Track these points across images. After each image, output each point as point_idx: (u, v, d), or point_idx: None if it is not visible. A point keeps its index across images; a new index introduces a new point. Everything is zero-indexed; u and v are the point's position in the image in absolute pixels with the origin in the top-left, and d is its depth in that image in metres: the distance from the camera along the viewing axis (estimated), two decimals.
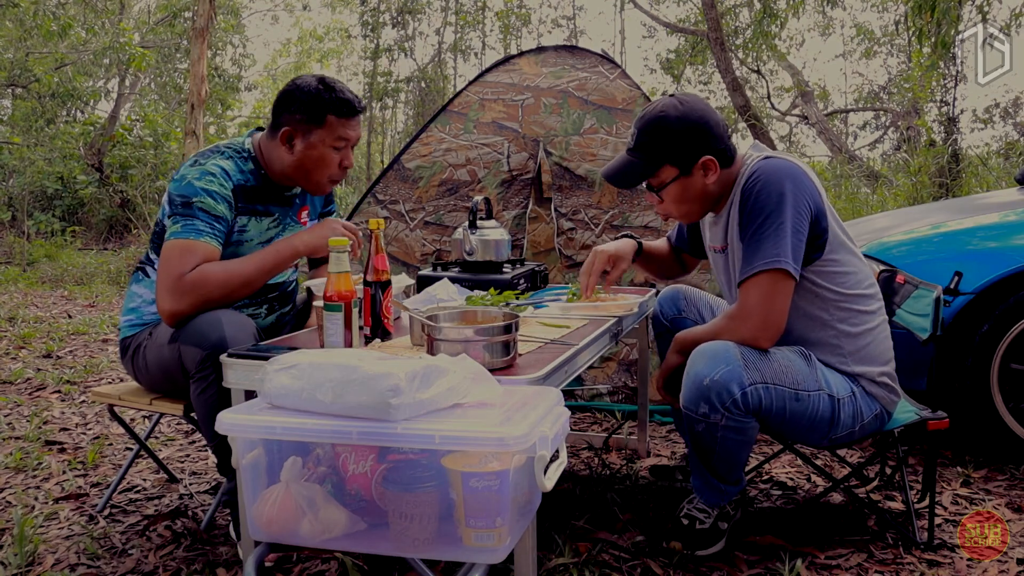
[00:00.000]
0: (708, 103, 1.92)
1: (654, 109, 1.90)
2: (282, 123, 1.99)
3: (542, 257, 3.32)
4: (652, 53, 30.11)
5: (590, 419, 3.16)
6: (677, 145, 1.87)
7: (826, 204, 1.86)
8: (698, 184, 1.90)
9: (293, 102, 1.97)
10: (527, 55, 3.63)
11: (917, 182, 7.60)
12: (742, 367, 1.74)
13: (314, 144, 1.98)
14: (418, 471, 1.21)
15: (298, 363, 1.25)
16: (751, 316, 1.78)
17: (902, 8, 10.59)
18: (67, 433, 3.08)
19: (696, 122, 1.86)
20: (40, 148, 11.62)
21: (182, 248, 1.85)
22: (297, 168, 2.01)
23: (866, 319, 1.90)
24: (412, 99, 16.71)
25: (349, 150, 2.04)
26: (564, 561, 1.88)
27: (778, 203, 1.77)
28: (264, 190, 2.06)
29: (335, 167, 2.03)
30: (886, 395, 1.92)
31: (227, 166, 1.98)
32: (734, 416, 1.76)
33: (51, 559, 1.98)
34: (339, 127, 1.98)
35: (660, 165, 1.90)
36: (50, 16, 11.09)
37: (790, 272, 1.76)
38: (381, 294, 1.78)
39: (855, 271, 1.90)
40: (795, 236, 1.76)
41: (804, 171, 1.85)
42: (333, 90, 1.97)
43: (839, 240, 1.87)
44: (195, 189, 1.90)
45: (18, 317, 5.77)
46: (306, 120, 1.97)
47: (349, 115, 1.99)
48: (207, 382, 1.76)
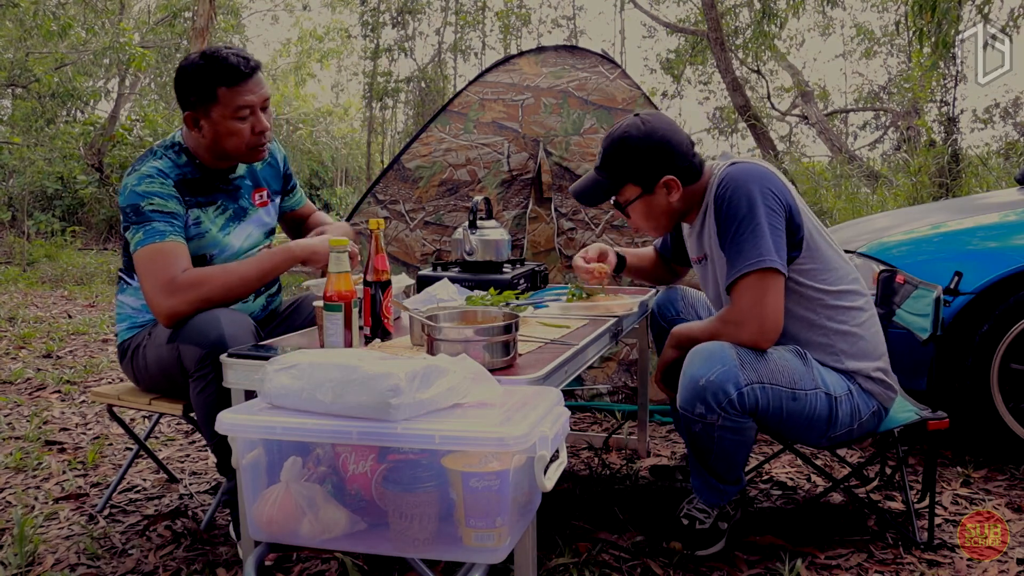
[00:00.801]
0: (673, 122, 1.96)
1: (618, 129, 1.95)
2: (184, 109, 1.94)
3: (542, 257, 3.33)
4: (652, 53, 30.15)
5: (590, 419, 3.16)
6: (639, 164, 1.92)
7: (798, 202, 1.88)
8: (661, 202, 1.95)
9: (183, 84, 1.92)
10: (527, 55, 3.63)
11: (917, 182, 7.60)
12: (738, 367, 1.75)
13: (216, 120, 1.92)
14: (418, 471, 1.21)
15: (298, 363, 1.25)
16: (748, 320, 1.79)
17: (902, 8, 10.60)
18: (67, 433, 3.08)
19: (658, 142, 1.90)
20: (40, 148, 11.62)
21: (154, 253, 1.84)
22: (213, 147, 1.96)
23: (855, 315, 1.91)
24: (412, 99, 16.70)
25: (258, 114, 1.94)
26: (564, 561, 1.88)
27: (749, 205, 1.79)
28: (204, 180, 2.02)
29: (248, 135, 1.95)
30: (882, 391, 1.92)
31: (160, 165, 1.95)
32: (731, 416, 1.76)
33: (51, 559, 1.98)
34: (233, 96, 1.89)
35: (623, 184, 1.96)
36: (50, 16, 11.09)
37: (776, 268, 1.77)
38: (381, 294, 1.78)
39: (836, 267, 1.91)
40: (773, 233, 1.79)
41: (771, 171, 1.88)
42: (216, 59, 1.88)
43: (815, 238, 1.89)
44: (138, 195, 1.89)
45: (18, 317, 5.77)
46: (200, 100, 1.90)
47: (240, 81, 1.89)
48: (206, 381, 1.76)
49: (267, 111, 1.98)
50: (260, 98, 1.94)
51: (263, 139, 1.98)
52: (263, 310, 2.19)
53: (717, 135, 17.41)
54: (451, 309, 1.70)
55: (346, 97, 22.91)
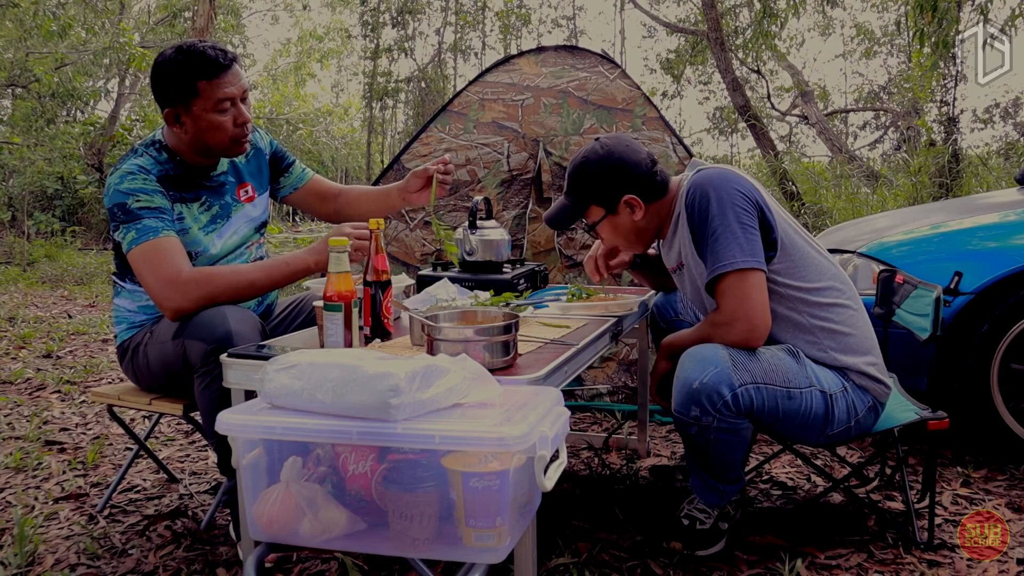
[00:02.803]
0: (633, 142, 2.00)
1: (579, 155, 2.02)
2: (163, 106, 1.93)
3: (542, 257, 3.33)
4: (652, 53, 30.09)
5: (590, 419, 3.16)
6: (599, 187, 1.98)
7: (770, 201, 1.90)
8: (626, 221, 2.00)
9: (161, 81, 1.90)
10: (527, 55, 3.63)
11: (917, 182, 7.60)
12: (731, 368, 1.76)
13: (198, 115, 1.90)
14: (418, 471, 1.21)
15: (298, 363, 1.25)
16: (735, 319, 1.81)
17: (902, 8, 10.60)
18: (67, 433, 3.08)
19: (614, 164, 1.95)
20: (40, 148, 11.62)
21: (151, 250, 1.83)
22: (195, 143, 1.95)
23: (838, 311, 1.91)
24: (412, 99, 16.69)
25: (239, 106, 1.93)
26: (564, 561, 1.88)
27: (720, 207, 1.82)
28: (186, 177, 2.01)
29: (230, 127, 1.93)
30: (876, 386, 1.92)
31: (142, 162, 1.94)
32: (726, 418, 1.77)
33: (51, 559, 1.98)
34: (214, 89, 1.88)
35: (587, 205, 2.02)
36: (50, 16, 11.08)
37: (752, 267, 1.79)
38: (381, 294, 1.78)
39: (814, 264, 1.91)
40: (745, 232, 1.80)
41: (737, 173, 1.91)
42: (193, 53, 1.86)
43: (791, 235, 1.90)
44: (123, 193, 1.88)
45: (18, 317, 5.77)
46: (180, 95, 1.89)
47: (219, 73, 1.87)
48: (211, 377, 1.76)
49: (247, 103, 1.97)
50: (240, 89, 1.93)
51: (245, 131, 1.97)
52: (259, 305, 2.18)
53: (717, 135, 17.43)
54: (451, 309, 1.70)
55: (346, 97, 22.92)
